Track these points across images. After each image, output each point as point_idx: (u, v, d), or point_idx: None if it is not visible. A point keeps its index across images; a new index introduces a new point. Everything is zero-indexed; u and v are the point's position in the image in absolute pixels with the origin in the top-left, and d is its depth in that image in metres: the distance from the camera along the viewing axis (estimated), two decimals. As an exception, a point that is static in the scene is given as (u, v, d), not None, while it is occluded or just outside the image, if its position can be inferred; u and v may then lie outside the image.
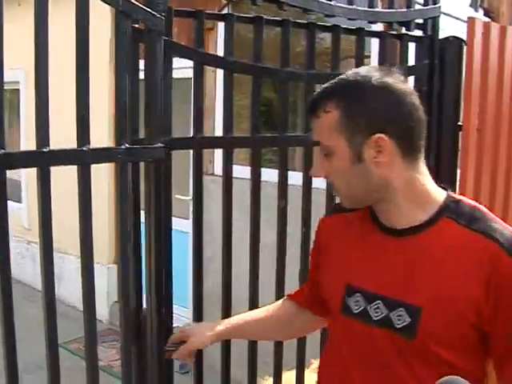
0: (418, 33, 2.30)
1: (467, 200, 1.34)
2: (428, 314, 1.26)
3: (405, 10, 2.20)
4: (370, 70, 1.30)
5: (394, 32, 2.26)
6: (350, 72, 1.31)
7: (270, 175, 2.14)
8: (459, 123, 2.43)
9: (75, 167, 1.50)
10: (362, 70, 1.30)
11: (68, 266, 5.61)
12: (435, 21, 2.30)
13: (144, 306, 1.73)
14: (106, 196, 5.26)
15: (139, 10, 1.53)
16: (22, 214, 6.40)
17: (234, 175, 1.86)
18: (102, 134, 1.51)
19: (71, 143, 1.50)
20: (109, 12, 1.56)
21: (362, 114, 1.25)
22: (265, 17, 1.89)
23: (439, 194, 1.33)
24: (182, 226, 4.46)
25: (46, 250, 1.49)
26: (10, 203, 5.25)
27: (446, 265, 1.26)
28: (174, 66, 1.71)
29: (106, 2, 1.48)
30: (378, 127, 1.25)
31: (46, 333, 1.54)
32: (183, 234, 4.39)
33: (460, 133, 2.43)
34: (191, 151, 1.80)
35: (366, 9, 2.06)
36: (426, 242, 1.30)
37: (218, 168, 4.38)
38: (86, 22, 1.46)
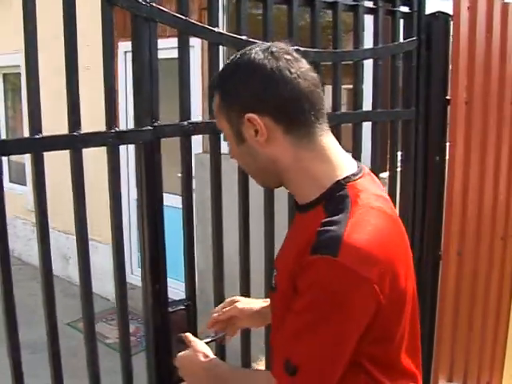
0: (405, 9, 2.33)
1: (356, 191, 1.26)
2: (278, 292, 1.35)
3: (389, -14, 2.24)
4: (252, 49, 1.29)
5: (390, 8, 2.29)
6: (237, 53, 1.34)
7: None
8: (447, 97, 2.47)
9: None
10: (244, 50, 1.30)
11: (74, 247, 5.70)
12: (421, -3, 2.33)
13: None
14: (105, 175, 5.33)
15: (124, -2, 1.58)
16: (27, 196, 6.48)
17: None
18: (100, 118, 1.55)
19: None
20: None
21: (233, 96, 1.28)
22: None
23: (331, 175, 1.28)
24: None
25: (42, 231, 1.57)
26: (15, 186, 5.42)
27: (293, 246, 1.29)
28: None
29: (91, -9, 1.53)
30: (248, 107, 1.25)
31: (44, 310, 1.60)
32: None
33: (448, 107, 2.48)
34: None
35: (350, -13, 2.09)
36: (301, 222, 1.32)
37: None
38: (73, 9, 1.52)
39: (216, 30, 1.78)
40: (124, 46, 5.16)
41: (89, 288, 1.67)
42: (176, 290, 2.87)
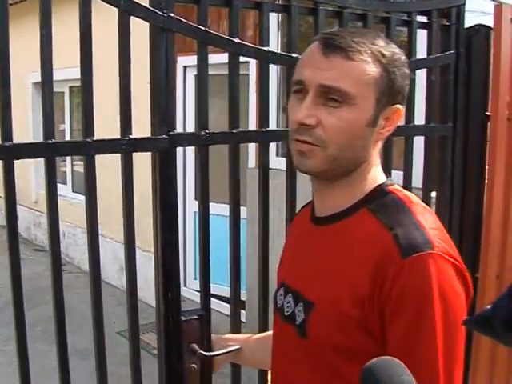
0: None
1: (401, 193, 1.20)
2: (318, 311, 1.15)
3: (425, -2, 2.19)
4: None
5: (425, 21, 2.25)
6: (370, 34, 1.19)
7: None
8: (487, 113, 2.38)
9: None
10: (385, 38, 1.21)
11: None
12: (460, 9, 2.26)
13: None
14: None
15: (141, 9, 1.60)
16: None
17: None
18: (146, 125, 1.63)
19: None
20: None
21: (399, 80, 1.16)
22: (294, 4, 1.87)
23: (376, 181, 1.22)
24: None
25: (92, 236, 1.64)
26: (78, 196, 5.56)
27: (343, 259, 1.15)
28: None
29: (107, 2, 1.56)
30: (400, 98, 1.18)
31: (92, 318, 1.68)
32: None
33: (488, 123, 2.38)
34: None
35: (381, -1, 2.06)
36: (337, 233, 1.19)
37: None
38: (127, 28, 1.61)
39: (236, 40, 1.78)
40: (183, 61, 5.26)
41: (134, 298, 1.76)
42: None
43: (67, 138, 7.37)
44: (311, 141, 1.14)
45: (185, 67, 5.52)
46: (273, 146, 3.69)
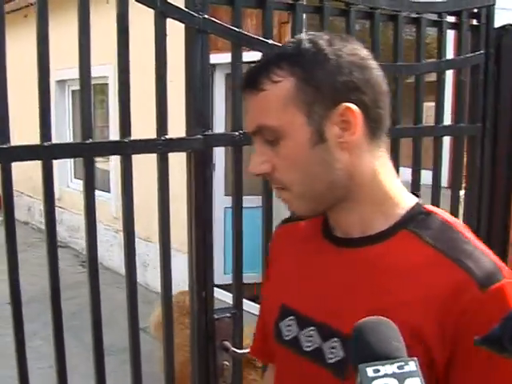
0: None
1: (442, 214, 1.06)
2: None
3: (456, -1, 2.19)
4: (315, 36, 1.02)
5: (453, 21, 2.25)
6: (290, 41, 1.06)
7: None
8: (518, 113, 2.37)
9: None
10: (305, 36, 1.03)
11: (153, 254, 5.85)
12: (490, 9, 2.25)
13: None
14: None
15: (176, 10, 1.63)
16: (111, 203, 6.70)
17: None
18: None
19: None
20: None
21: (324, 78, 0.98)
22: (327, 5, 1.88)
23: (407, 199, 1.06)
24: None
25: (128, 236, 1.68)
26: (99, 193, 5.62)
27: (395, 289, 0.99)
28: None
29: (144, 4, 1.59)
30: (343, 95, 0.98)
31: (128, 316, 1.72)
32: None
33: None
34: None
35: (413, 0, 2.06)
36: (376, 258, 1.02)
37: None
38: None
39: (270, 41, 1.80)
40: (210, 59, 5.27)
41: (169, 296, 1.80)
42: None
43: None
44: (277, 185, 1.06)
45: (212, 65, 5.52)
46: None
